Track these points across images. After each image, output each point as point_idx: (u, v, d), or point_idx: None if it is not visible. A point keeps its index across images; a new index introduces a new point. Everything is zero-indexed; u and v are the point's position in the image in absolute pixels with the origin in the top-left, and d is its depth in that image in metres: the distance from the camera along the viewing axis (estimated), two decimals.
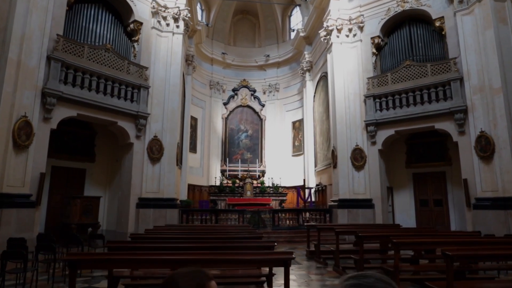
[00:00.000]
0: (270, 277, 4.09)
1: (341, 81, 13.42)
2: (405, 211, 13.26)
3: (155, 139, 12.02)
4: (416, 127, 11.90)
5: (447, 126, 11.22)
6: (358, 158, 12.71)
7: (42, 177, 9.28)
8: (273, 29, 22.00)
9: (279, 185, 17.79)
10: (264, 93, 21.52)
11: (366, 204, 12.40)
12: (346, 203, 12.54)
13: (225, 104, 20.96)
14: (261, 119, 21.21)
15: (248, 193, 16.85)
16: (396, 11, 12.87)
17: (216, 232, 6.39)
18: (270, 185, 17.85)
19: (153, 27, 12.75)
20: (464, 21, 11.15)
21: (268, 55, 21.30)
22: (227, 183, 17.68)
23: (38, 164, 9.22)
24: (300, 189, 15.88)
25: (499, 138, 9.97)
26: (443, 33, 11.92)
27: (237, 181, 17.86)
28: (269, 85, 21.51)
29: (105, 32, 11.67)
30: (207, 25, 17.14)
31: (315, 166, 16.89)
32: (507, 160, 9.73)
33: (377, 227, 9.03)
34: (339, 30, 13.71)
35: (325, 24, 14.10)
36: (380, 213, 12.30)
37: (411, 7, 12.53)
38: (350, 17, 13.68)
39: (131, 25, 12.36)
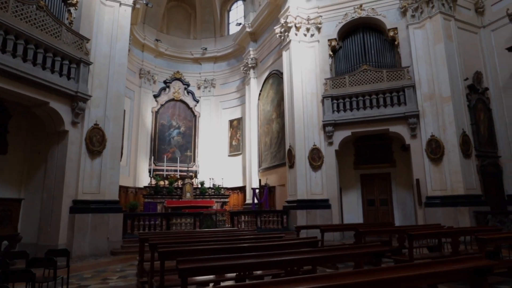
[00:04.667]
0: None
1: (298, 80, 13.21)
2: (353, 211, 13.68)
3: (96, 128, 9.77)
4: (372, 129, 12.38)
5: (401, 130, 11.97)
6: (315, 158, 12.62)
7: None
8: (211, 22, 20.82)
9: (221, 186, 16.64)
10: (199, 88, 20.13)
11: (324, 204, 12.36)
12: (305, 204, 12.30)
13: (155, 96, 18.90)
14: (195, 116, 19.77)
15: (188, 194, 15.27)
16: (353, 17, 13.30)
17: (239, 240, 5.16)
18: (211, 186, 16.57)
19: None
20: (416, 34, 12.14)
21: (206, 48, 20.01)
22: (165, 184, 15.74)
23: None
24: (255, 190, 15.06)
25: (448, 142, 11.03)
26: (395, 43, 12.75)
27: (175, 182, 16.07)
28: (204, 80, 20.20)
29: None
30: (146, 4, 15.04)
31: (259, 166, 16.34)
32: (455, 162, 10.81)
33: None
34: (297, 28, 13.52)
35: (282, 20, 13.75)
36: (337, 213, 12.42)
37: (367, 15, 13.10)
38: (308, 16, 13.63)
39: None
